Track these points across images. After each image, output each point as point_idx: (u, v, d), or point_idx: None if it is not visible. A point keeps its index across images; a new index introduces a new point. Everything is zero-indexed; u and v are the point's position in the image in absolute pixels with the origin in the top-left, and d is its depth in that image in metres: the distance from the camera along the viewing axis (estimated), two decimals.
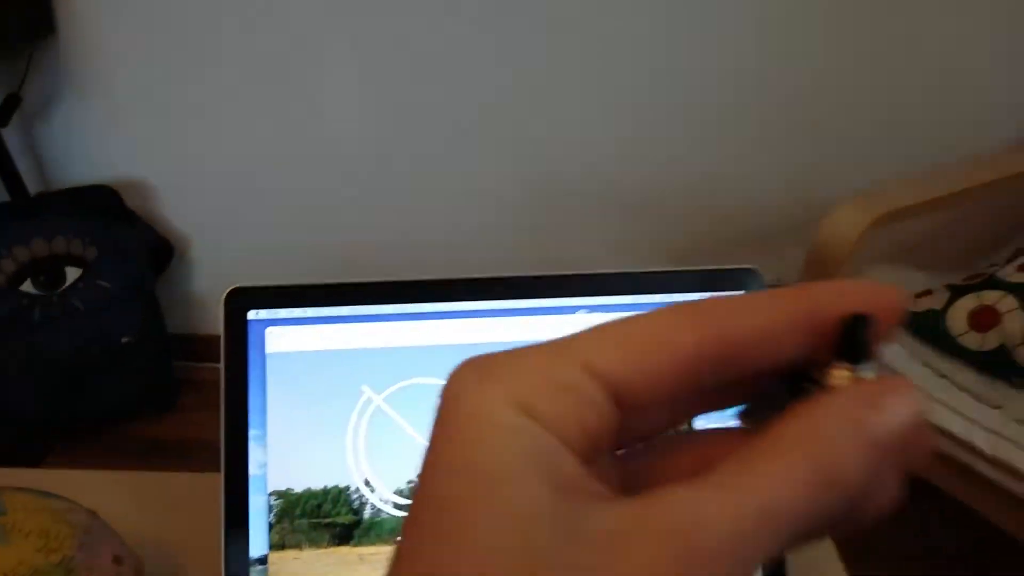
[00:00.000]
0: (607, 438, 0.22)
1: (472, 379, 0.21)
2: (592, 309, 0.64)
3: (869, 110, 1.71)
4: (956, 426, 1.18)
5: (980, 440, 1.16)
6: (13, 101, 1.71)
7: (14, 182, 1.77)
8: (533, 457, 0.19)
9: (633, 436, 0.24)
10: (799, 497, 0.19)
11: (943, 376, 1.27)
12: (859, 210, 1.32)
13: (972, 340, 1.26)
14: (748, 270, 0.68)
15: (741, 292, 0.66)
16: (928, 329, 1.31)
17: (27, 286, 1.71)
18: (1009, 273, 1.31)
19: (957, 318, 1.28)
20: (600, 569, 0.18)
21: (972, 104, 1.68)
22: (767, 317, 0.22)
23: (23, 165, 1.81)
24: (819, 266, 1.34)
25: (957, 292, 1.32)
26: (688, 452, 0.24)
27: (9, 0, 1.60)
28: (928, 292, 1.35)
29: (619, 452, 0.24)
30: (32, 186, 1.83)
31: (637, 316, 0.22)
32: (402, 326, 0.61)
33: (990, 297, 1.28)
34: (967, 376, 1.26)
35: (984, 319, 1.26)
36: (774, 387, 0.23)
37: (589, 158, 1.80)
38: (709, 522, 0.19)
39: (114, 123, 1.84)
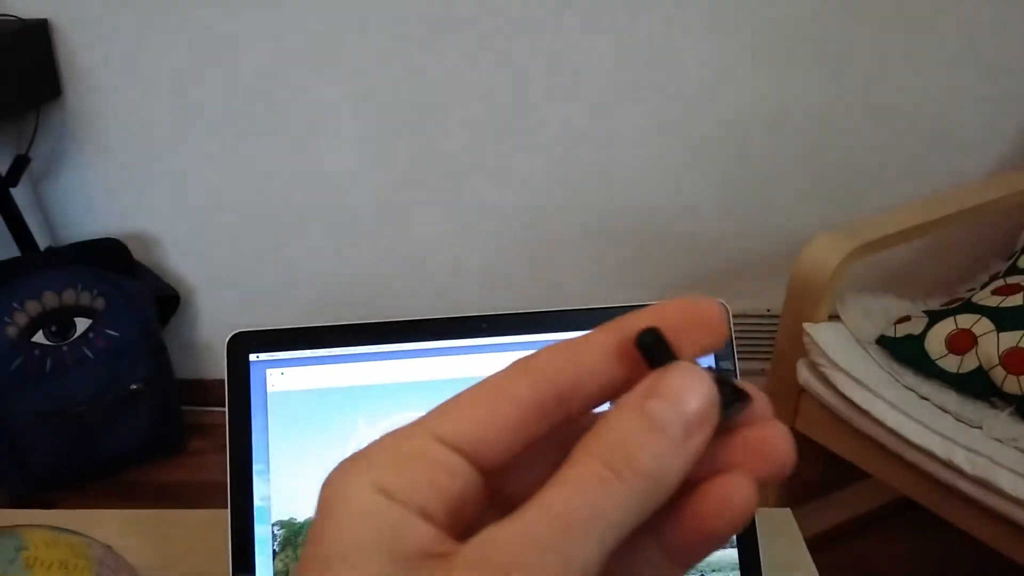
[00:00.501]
0: (473, 498, 0.23)
1: (344, 468, 0.22)
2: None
3: (847, 143, 1.76)
4: (937, 446, 1.22)
5: (961, 459, 1.20)
6: (22, 162, 1.77)
7: (24, 238, 1.83)
8: (377, 532, 0.21)
9: (525, 490, 0.25)
10: (592, 492, 0.20)
11: (924, 398, 1.30)
12: (837, 241, 1.36)
13: (950, 363, 1.30)
14: (716, 303, 0.72)
15: None
16: (908, 353, 1.35)
17: (39, 337, 1.76)
18: (984, 297, 1.35)
19: (935, 342, 1.33)
20: None
21: (947, 135, 1.74)
22: (585, 354, 0.23)
23: (32, 221, 1.87)
24: (799, 296, 1.39)
25: (935, 317, 1.36)
26: None
27: (18, 65, 1.67)
28: (907, 318, 1.40)
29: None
30: (42, 241, 1.89)
31: (478, 383, 0.23)
32: (393, 364, 0.65)
33: (966, 321, 1.32)
34: (947, 397, 1.29)
35: (961, 342, 1.30)
36: None
37: (576, 195, 1.85)
38: (500, 542, 0.20)
39: (119, 179, 1.90)
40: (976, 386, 1.28)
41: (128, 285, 1.84)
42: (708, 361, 0.70)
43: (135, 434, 1.86)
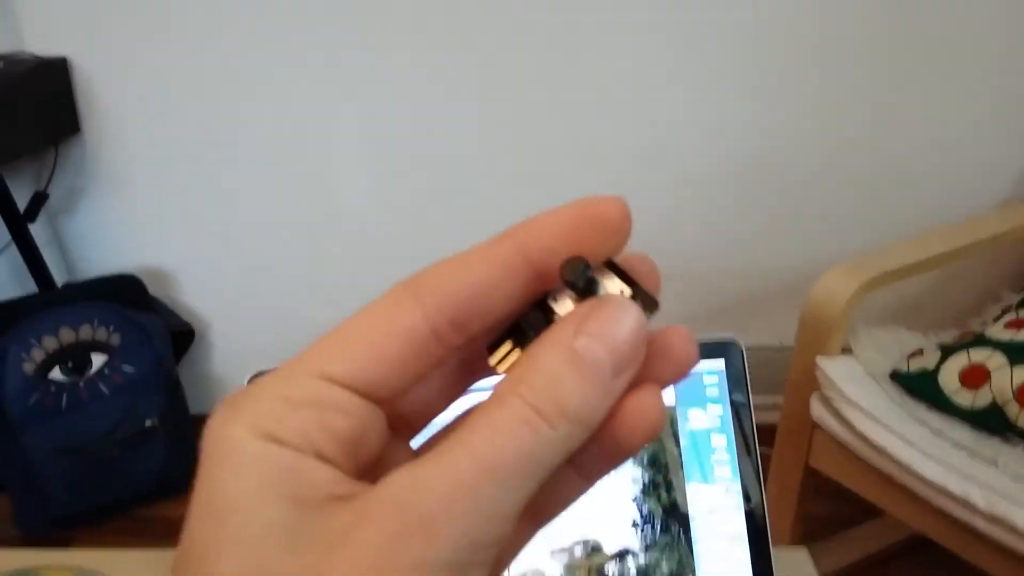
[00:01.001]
0: (373, 435, 0.22)
1: (222, 415, 0.21)
2: None
3: (859, 175, 1.77)
4: (952, 483, 1.21)
5: (976, 497, 1.19)
6: (40, 198, 1.80)
7: (42, 273, 1.85)
8: (269, 478, 0.19)
9: (424, 418, 0.24)
10: (522, 438, 0.19)
11: (939, 434, 1.30)
12: (848, 274, 1.37)
13: (964, 398, 1.30)
14: (730, 341, 0.73)
15: (721, 361, 0.71)
16: (922, 388, 1.34)
17: (55, 373, 1.77)
18: (997, 331, 1.35)
19: (949, 377, 1.32)
20: (320, 566, 0.18)
21: (958, 167, 1.74)
22: (482, 272, 0.22)
23: (50, 256, 1.89)
24: (812, 330, 1.39)
25: (948, 351, 1.36)
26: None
27: (37, 103, 1.70)
28: (920, 352, 1.39)
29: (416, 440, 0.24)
30: (59, 276, 1.91)
31: (362, 311, 0.22)
32: None
33: (979, 355, 1.32)
34: (962, 433, 1.29)
35: (974, 377, 1.30)
36: (528, 315, 0.23)
37: None
38: (423, 487, 0.19)
39: (136, 214, 1.92)
40: (991, 421, 1.28)
41: (144, 320, 1.85)
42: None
43: (151, 470, 1.87)
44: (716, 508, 0.66)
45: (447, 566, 0.19)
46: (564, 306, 0.22)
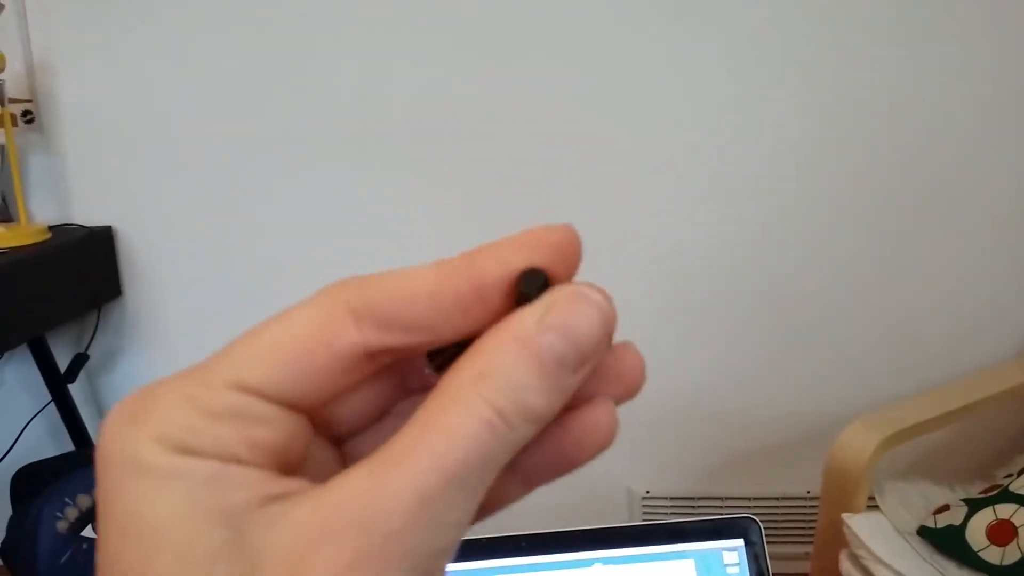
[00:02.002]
0: (298, 444, 0.20)
1: (122, 425, 0.19)
2: (607, 561, 0.72)
3: (880, 324, 1.80)
4: None
5: None
6: (81, 359, 1.86)
7: (79, 432, 1.90)
8: (195, 494, 0.18)
9: (352, 427, 0.23)
10: (483, 440, 0.18)
11: None
12: (869, 430, 1.38)
13: (993, 554, 1.29)
14: (748, 518, 0.76)
15: (740, 540, 0.74)
16: (950, 545, 1.34)
17: (88, 531, 1.79)
18: (1021, 485, 1.36)
19: (976, 533, 1.32)
20: None
21: (978, 318, 1.77)
22: (430, 303, 0.20)
23: (87, 415, 1.94)
24: (836, 485, 1.40)
25: (974, 506, 1.36)
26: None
27: (82, 270, 1.78)
28: (946, 507, 1.40)
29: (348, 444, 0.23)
30: (95, 435, 1.96)
31: (289, 317, 0.21)
32: None
33: (1005, 511, 1.32)
34: None
35: (1002, 533, 1.30)
36: None
37: None
38: (384, 501, 0.18)
39: (173, 372, 1.98)
40: None
41: None
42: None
43: None
44: None
45: (411, 557, 0.18)
46: None
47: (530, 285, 0.20)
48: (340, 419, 0.23)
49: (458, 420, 0.18)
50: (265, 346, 0.20)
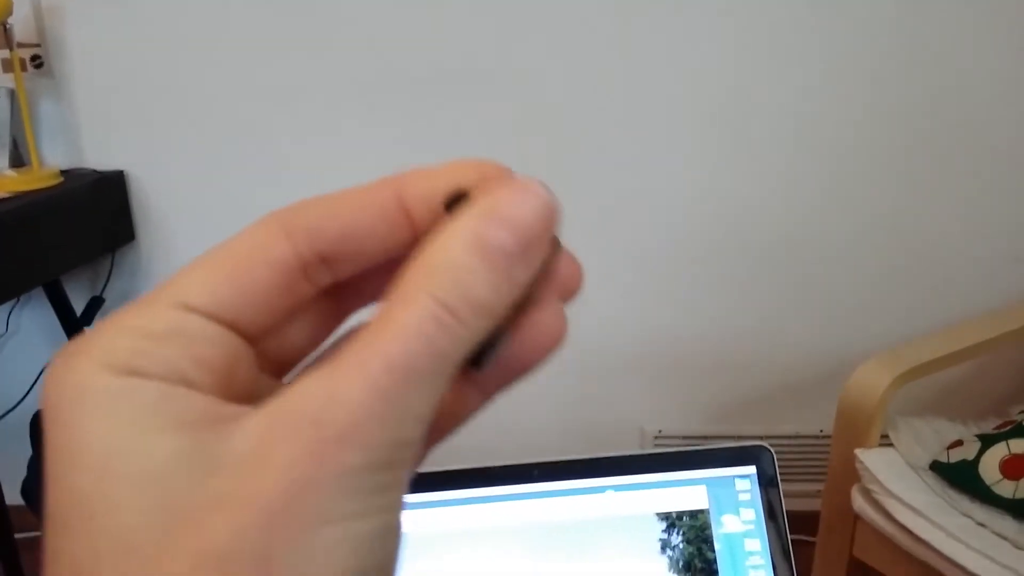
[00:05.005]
0: (243, 368, 0.21)
1: (65, 358, 0.19)
2: (619, 488, 0.73)
3: (897, 262, 1.79)
4: (995, 575, 1.21)
5: None
6: (97, 303, 1.87)
7: None
8: (142, 411, 0.18)
9: (292, 359, 0.23)
10: (432, 334, 0.18)
11: (981, 525, 1.29)
12: (884, 367, 1.38)
13: (1006, 488, 1.30)
14: (760, 445, 0.76)
15: (752, 467, 0.74)
16: (963, 479, 1.34)
17: None
18: None
19: (989, 467, 1.32)
20: (241, 489, 0.17)
21: (993, 256, 1.76)
22: (356, 212, 0.21)
23: None
24: (849, 422, 1.40)
25: (988, 441, 1.36)
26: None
27: (95, 214, 1.79)
28: (960, 442, 1.40)
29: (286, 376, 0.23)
30: None
31: (226, 241, 0.21)
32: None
33: (1019, 446, 1.32)
34: (1004, 524, 1.28)
35: (1015, 467, 1.30)
36: None
37: (619, 323, 1.89)
38: (337, 397, 0.18)
39: None
40: None
41: None
42: None
43: None
44: None
45: (372, 467, 0.18)
46: None
47: (457, 203, 0.20)
48: (284, 353, 0.23)
49: (406, 317, 0.18)
50: (203, 265, 0.20)
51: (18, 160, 1.77)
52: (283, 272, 0.21)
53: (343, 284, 0.23)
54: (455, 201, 0.20)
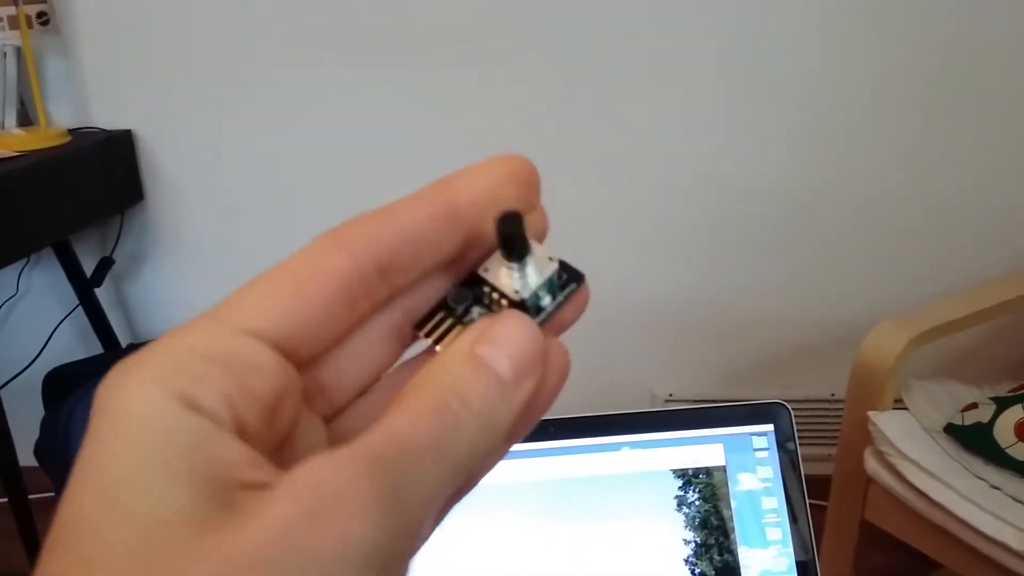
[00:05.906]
0: (290, 403, 0.20)
1: (123, 371, 0.19)
2: (635, 445, 0.72)
3: (911, 225, 1.77)
4: (1011, 538, 1.20)
5: None
6: (106, 263, 1.87)
7: (107, 336, 1.92)
8: (175, 453, 0.17)
9: (342, 392, 0.23)
10: (423, 432, 0.19)
11: (996, 488, 1.29)
12: (898, 329, 1.37)
13: (1020, 451, 1.29)
14: (777, 403, 0.75)
15: (770, 425, 0.73)
16: (977, 442, 1.34)
17: None
18: None
19: (1004, 430, 1.32)
20: (231, 544, 0.16)
21: (1008, 219, 1.74)
22: (408, 220, 0.22)
23: (114, 319, 1.96)
24: (862, 384, 1.39)
25: (1002, 404, 1.35)
26: (393, 388, 0.23)
27: (103, 174, 1.78)
28: (974, 405, 1.39)
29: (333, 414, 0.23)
30: (123, 338, 1.98)
31: (284, 260, 0.21)
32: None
33: None
34: (1019, 486, 1.28)
35: None
36: (456, 291, 0.23)
37: (632, 282, 1.88)
38: (325, 480, 0.17)
39: (197, 277, 1.99)
40: None
41: None
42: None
43: None
44: (768, 569, 0.68)
45: (369, 548, 0.17)
46: (496, 275, 0.23)
47: (511, 226, 0.21)
48: (332, 380, 0.23)
49: (408, 404, 0.19)
50: (263, 285, 0.20)
51: (25, 119, 1.75)
52: (341, 283, 0.21)
53: (399, 301, 0.23)
54: (505, 221, 0.21)
